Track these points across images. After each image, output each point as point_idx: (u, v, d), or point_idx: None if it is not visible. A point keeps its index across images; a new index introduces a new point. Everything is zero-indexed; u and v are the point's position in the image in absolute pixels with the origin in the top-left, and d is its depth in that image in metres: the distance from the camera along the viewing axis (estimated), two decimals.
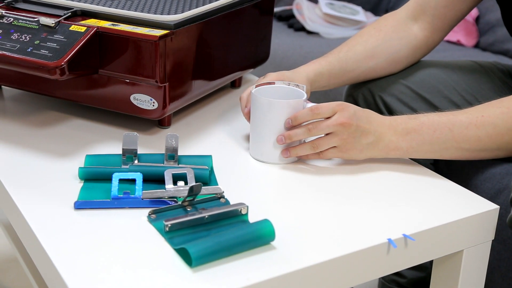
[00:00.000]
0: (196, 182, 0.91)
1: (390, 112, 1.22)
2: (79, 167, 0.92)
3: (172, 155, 0.96)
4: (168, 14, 1.07)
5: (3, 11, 1.06)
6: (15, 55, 0.97)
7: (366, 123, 0.97)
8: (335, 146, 0.97)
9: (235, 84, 1.32)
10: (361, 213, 0.88)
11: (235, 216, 0.83)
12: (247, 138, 1.09)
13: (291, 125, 0.98)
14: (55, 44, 0.98)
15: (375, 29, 1.22)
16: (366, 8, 2.65)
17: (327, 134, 0.96)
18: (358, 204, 0.90)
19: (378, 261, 0.82)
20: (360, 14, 2.48)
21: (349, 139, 0.96)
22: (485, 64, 1.30)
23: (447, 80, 1.23)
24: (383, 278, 1.42)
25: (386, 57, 1.21)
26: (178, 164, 0.96)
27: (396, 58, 1.22)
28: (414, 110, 1.20)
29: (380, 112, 1.22)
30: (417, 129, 0.97)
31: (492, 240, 0.94)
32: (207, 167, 0.94)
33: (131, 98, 1.05)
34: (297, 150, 0.99)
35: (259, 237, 0.78)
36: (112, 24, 1.03)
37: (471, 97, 1.21)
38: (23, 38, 1.00)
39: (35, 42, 0.99)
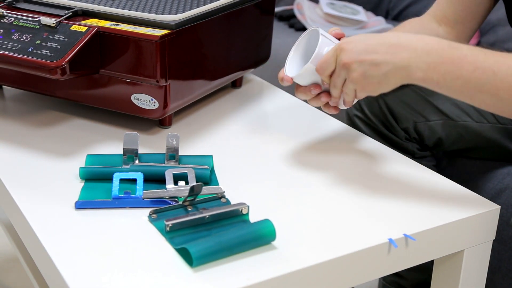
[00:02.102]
0: (197, 182, 0.91)
1: (392, 113, 1.22)
2: (80, 167, 0.92)
3: (173, 155, 0.96)
4: (169, 14, 1.07)
5: (4, 11, 1.06)
6: (16, 55, 0.97)
7: (373, 53, 0.88)
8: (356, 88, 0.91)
9: (236, 84, 1.32)
10: (362, 213, 0.88)
11: (236, 216, 0.83)
12: (248, 137, 1.09)
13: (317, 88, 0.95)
14: (56, 44, 0.98)
15: (399, 26, 1.20)
16: (367, 8, 2.65)
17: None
18: (358, 204, 0.90)
19: (379, 261, 0.82)
20: (361, 14, 2.48)
21: (360, 78, 0.89)
22: None
23: None
24: (383, 279, 1.42)
25: None
26: (179, 164, 0.96)
27: None
28: (416, 112, 1.20)
29: (383, 114, 1.22)
30: (456, 61, 0.86)
31: (493, 240, 0.93)
32: (208, 167, 0.94)
33: (132, 98, 1.05)
34: (332, 108, 0.97)
35: (260, 237, 0.78)
36: (113, 24, 1.03)
37: None
38: (24, 38, 1.00)
39: (36, 42, 0.99)
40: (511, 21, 1.20)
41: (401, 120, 1.22)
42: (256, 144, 1.07)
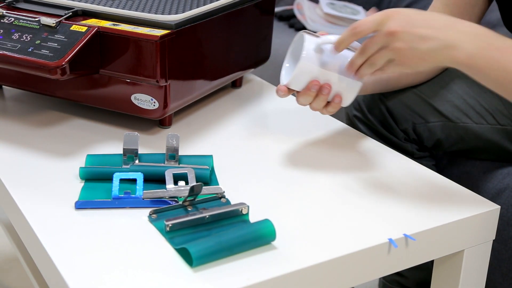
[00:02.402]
0: (197, 182, 0.91)
1: (391, 114, 1.22)
2: (80, 167, 0.92)
3: (173, 155, 0.96)
4: (169, 14, 1.07)
5: (4, 11, 1.06)
6: (16, 55, 0.97)
7: (424, 26, 0.85)
8: (392, 60, 0.88)
9: (236, 84, 1.32)
10: (362, 213, 0.88)
11: (236, 216, 0.83)
12: (248, 137, 1.09)
13: (338, 51, 0.92)
14: (56, 44, 0.98)
15: None
16: (367, 8, 2.65)
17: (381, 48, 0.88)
18: (358, 203, 0.90)
19: (379, 261, 0.82)
20: (361, 14, 2.48)
21: (402, 47, 0.86)
22: None
23: (449, 84, 1.22)
24: (384, 278, 1.42)
25: None
26: (179, 164, 0.96)
27: None
28: (416, 113, 1.20)
29: (382, 115, 1.22)
30: (502, 49, 0.85)
31: (493, 240, 0.93)
32: (208, 167, 0.94)
33: (132, 98, 1.05)
34: (360, 72, 0.92)
35: (260, 237, 0.78)
36: (113, 24, 1.03)
37: (474, 101, 1.21)
38: (24, 38, 1.00)
39: (36, 42, 0.99)
40: (505, 23, 1.20)
41: (400, 121, 1.22)
42: (256, 144, 1.07)
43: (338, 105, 0.98)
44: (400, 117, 1.21)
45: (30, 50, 0.98)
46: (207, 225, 0.81)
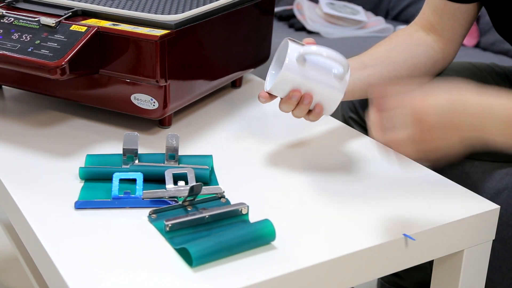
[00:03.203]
0: (196, 182, 0.91)
1: None
2: (80, 167, 0.92)
3: (172, 155, 0.96)
4: (169, 14, 1.07)
5: (4, 11, 1.06)
6: (16, 55, 0.97)
7: (457, 120, 0.80)
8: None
9: (236, 84, 1.32)
10: (361, 213, 0.88)
11: (236, 216, 0.83)
12: (248, 137, 1.09)
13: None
14: (55, 44, 0.98)
15: (386, 39, 1.19)
16: (367, 8, 2.65)
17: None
18: (358, 204, 0.90)
19: (378, 261, 0.82)
20: (360, 14, 2.48)
21: (438, 147, 0.82)
22: (483, 67, 1.29)
23: None
24: (382, 278, 1.42)
25: (405, 60, 1.15)
26: (178, 164, 0.96)
27: (416, 63, 1.16)
28: None
29: None
30: None
31: (493, 240, 0.93)
32: (207, 167, 0.94)
33: (132, 98, 1.05)
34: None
35: (260, 237, 0.78)
36: (113, 24, 1.03)
37: None
38: (24, 38, 1.00)
39: (36, 42, 0.99)
40: (496, 27, 1.20)
41: None
42: (256, 144, 1.07)
43: (319, 115, 0.97)
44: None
45: (30, 50, 0.98)
46: (207, 225, 0.81)
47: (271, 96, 0.98)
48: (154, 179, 0.92)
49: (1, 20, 1.04)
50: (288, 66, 0.93)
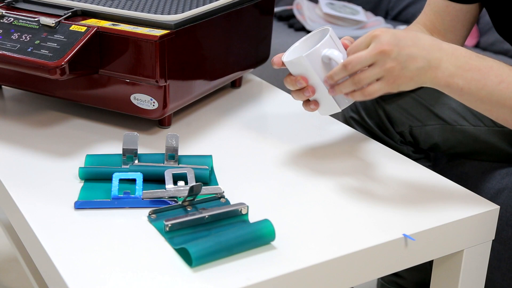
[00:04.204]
0: (196, 182, 0.91)
1: (388, 117, 1.21)
2: (80, 167, 0.92)
3: (172, 155, 0.96)
4: (169, 14, 1.07)
5: (4, 11, 1.06)
6: (16, 55, 0.97)
7: (412, 46, 0.85)
8: (379, 79, 0.87)
9: (236, 84, 1.32)
10: (361, 213, 0.88)
11: (235, 216, 0.83)
12: (247, 137, 1.09)
13: (331, 84, 0.90)
14: (55, 44, 0.98)
15: None
16: (366, 8, 2.65)
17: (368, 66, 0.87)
18: (358, 204, 0.90)
19: (378, 261, 0.82)
20: (360, 14, 2.48)
21: (395, 66, 0.85)
22: None
23: None
24: (382, 278, 1.42)
25: None
26: (178, 164, 0.96)
27: None
28: (413, 116, 1.20)
29: (379, 117, 1.22)
30: (483, 70, 0.87)
31: (492, 240, 0.93)
32: (207, 167, 0.94)
33: (132, 98, 1.05)
34: (340, 88, 0.90)
35: (259, 237, 0.78)
36: (113, 24, 1.03)
37: None
38: (24, 38, 1.00)
39: (36, 42, 0.99)
40: (496, 28, 1.20)
41: (397, 124, 1.22)
42: (256, 144, 1.07)
43: (313, 110, 0.97)
44: (397, 120, 1.21)
45: (29, 50, 0.98)
46: (206, 225, 0.81)
47: (282, 65, 0.96)
48: (154, 179, 0.92)
49: (1, 20, 1.04)
50: (311, 55, 0.93)
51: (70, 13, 1.05)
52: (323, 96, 0.95)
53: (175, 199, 0.88)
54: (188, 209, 0.85)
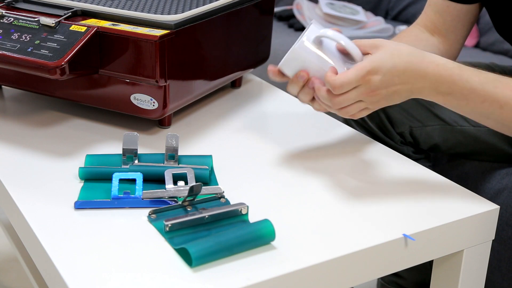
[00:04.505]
0: (196, 182, 0.91)
1: (389, 118, 1.21)
2: (79, 167, 0.92)
3: (172, 155, 0.96)
4: (169, 14, 1.07)
5: (3, 11, 1.06)
6: (15, 55, 0.97)
7: (399, 83, 0.91)
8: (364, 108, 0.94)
9: (235, 84, 1.32)
10: (361, 213, 0.88)
11: (235, 216, 0.83)
12: (247, 137, 1.09)
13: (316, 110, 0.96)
14: (55, 44, 0.98)
15: (396, 39, 1.18)
16: (366, 8, 2.65)
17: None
18: (358, 204, 0.90)
19: (378, 261, 0.82)
20: (360, 14, 2.48)
21: (380, 101, 0.92)
22: (482, 67, 1.29)
23: None
24: (382, 279, 1.42)
25: None
26: (178, 164, 0.96)
27: None
28: (413, 117, 1.20)
29: (379, 118, 1.22)
30: (465, 94, 0.91)
31: (492, 240, 0.93)
32: (207, 167, 0.94)
33: (131, 98, 1.05)
34: (327, 110, 0.96)
35: (259, 237, 0.78)
36: (112, 24, 1.03)
37: None
38: (23, 38, 1.00)
39: (36, 42, 0.99)
40: (496, 28, 1.20)
41: (397, 125, 1.22)
42: (256, 144, 1.07)
43: (324, 109, 0.96)
44: (397, 120, 1.21)
45: (29, 50, 0.98)
46: (206, 225, 0.81)
47: (281, 74, 0.96)
48: (154, 179, 0.92)
49: (1, 20, 1.04)
50: (302, 44, 0.92)
51: (70, 13, 1.05)
52: None
53: (175, 199, 0.88)
54: (188, 209, 0.85)
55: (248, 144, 1.07)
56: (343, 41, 0.92)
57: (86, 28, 1.00)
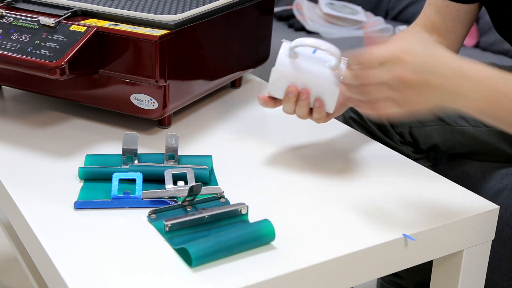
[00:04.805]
0: (196, 182, 0.91)
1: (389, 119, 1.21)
2: (79, 167, 0.92)
3: (172, 155, 0.96)
4: (168, 14, 1.07)
5: (3, 11, 1.06)
6: (15, 55, 0.97)
7: (433, 73, 0.79)
8: (393, 100, 0.82)
9: (235, 84, 1.32)
10: (361, 213, 0.88)
11: (235, 216, 0.83)
12: (247, 137, 1.09)
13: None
14: (55, 44, 0.98)
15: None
16: (366, 8, 2.65)
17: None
18: (358, 204, 0.90)
19: (378, 261, 0.82)
20: (360, 14, 2.48)
21: (412, 95, 0.80)
22: None
23: None
24: (382, 279, 1.42)
25: None
26: (178, 164, 0.96)
27: None
28: (414, 117, 1.20)
29: (380, 120, 1.22)
30: (506, 92, 0.80)
31: (492, 240, 0.93)
32: (207, 167, 0.94)
33: (131, 98, 1.05)
34: (347, 92, 0.86)
35: (259, 237, 0.78)
36: (112, 24, 1.03)
37: None
38: (23, 38, 1.00)
39: (35, 42, 0.99)
40: (496, 28, 1.20)
41: (397, 125, 1.22)
42: (255, 144, 1.07)
43: (321, 110, 0.95)
44: (397, 121, 1.21)
45: (29, 50, 0.98)
46: (206, 225, 0.81)
47: (272, 100, 0.97)
48: (154, 179, 0.92)
49: (1, 20, 1.04)
50: (280, 61, 0.94)
51: (70, 13, 1.05)
52: (319, 86, 0.93)
53: (175, 199, 0.88)
54: (188, 209, 0.85)
55: (248, 144, 1.07)
56: (316, 44, 0.93)
57: (86, 28, 1.00)
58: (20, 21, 1.03)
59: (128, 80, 1.04)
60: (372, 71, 0.81)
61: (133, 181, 0.90)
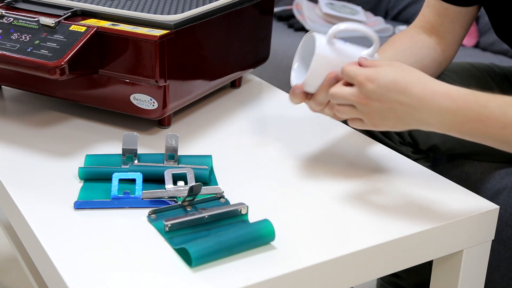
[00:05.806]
0: (196, 182, 0.91)
1: None
2: (79, 167, 0.92)
3: (172, 155, 0.96)
4: (168, 14, 1.07)
5: (3, 11, 1.06)
6: (15, 55, 0.97)
7: (396, 101, 0.84)
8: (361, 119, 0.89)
9: (235, 84, 1.32)
10: (361, 213, 0.88)
11: (235, 216, 0.83)
12: (247, 137, 1.09)
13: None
14: (55, 44, 0.98)
15: (389, 43, 1.18)
16: (366, 8, 2.65)
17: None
18: (357, 204, 0.90)
19: (378, 261, 0.82)
20: (360, 14, 2.48)
21: (374, 116, 0.86)
22: (482, 68, 1.29)
23: None
24: (381, 279, 1.42)
25: (412, 64, 1.09)
26: (178, 164, 0.96)
27: (422, 67, 1.12)
28: None
29: None
30: (484, 120, 0.82)
31: (492, 240, 0.93)
32: (207, 167, 0.94)
33: (131, 98, 1.05)
34: (321, 110, 0.92)
35: (259, 237, 0.78)
36: (112, 24, 1.03)
37: None
38: (23, 38, 1.00)
39: (35, 42, 0.99)
40: (495, 30, 1.20)
41: None
42: (255, 144, 1.07)
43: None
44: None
45: (29, 50, 0.98)
46: (206, 225, 0.81)
47: (304, 95, 0.94)
48: (154, 179, 0.92)
49: (1, 20, 1.04)
50: (320, 48, 0.91)
51: (69, 13, 1.05)
52: None
53: (175, 199, 0.88)
54: (188, 209, 0.85)
55: (248, 144, 1.07)
56: (356, 27, 0.93)
57: (85, 28, 1.00)
58: (20, 21, 1.04)
59: (128, 80, 1.04)
60: (340, 89, 0.87)
61: (133, 181, 0.90)
